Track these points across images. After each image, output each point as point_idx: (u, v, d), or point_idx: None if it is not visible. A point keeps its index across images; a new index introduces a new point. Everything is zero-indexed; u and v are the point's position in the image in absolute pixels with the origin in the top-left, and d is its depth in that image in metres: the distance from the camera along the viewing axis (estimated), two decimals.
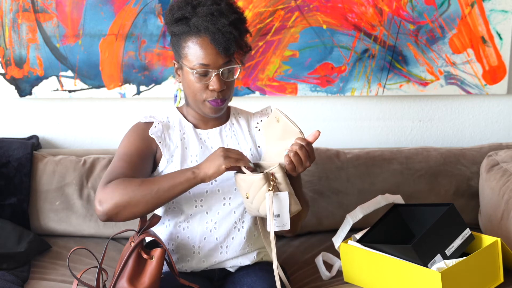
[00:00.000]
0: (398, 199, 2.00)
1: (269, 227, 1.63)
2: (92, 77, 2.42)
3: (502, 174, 2.22)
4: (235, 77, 1.76)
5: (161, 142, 1.79)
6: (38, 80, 2.41)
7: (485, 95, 2.57)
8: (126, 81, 2.43)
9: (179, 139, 1.82)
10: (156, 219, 1.73)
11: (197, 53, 1.70)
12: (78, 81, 2.42)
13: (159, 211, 1.85)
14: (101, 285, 1.68)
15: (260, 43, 2.42)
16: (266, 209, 1.63)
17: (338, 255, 2.02)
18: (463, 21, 2.46)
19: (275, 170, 1.63)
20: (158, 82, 2.44)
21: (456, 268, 1.70)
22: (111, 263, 2.03)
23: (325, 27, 2.43)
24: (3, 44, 2.37)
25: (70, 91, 2.43)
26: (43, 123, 2.50)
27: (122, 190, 1.63)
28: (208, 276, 1.84)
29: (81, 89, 2.43)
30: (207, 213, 1.79)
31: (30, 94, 2.42)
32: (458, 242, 1.79)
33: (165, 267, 1.77)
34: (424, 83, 2.50)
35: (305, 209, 1.82)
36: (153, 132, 1.79)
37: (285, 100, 2.52)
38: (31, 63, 2.39)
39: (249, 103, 2.28)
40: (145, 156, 1.77)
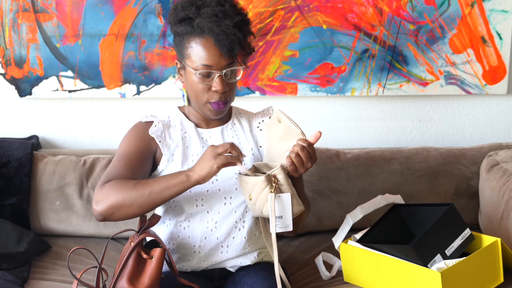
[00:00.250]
0: (398, 199, 2.00)
1: (271, 228, 1.64)
2: (92, 77, 2.42)
3: (502, 174, 2.22)
4: (238, 78, 1.76)
5: (161, 141, 1.79)
6: (38, 80, 2.41)
7: (485, 95, 2.57)
8: (126, 81, 2.43)
9: (180, 138, 1.81)
10: (156, 219, 1.73)
11: (201, 54, 1.70)
12: (78, 81, 2.42)
13: (159, 211, 1.85)
14: (101, 285, 1.68)
15: (260, 43, 2.42)
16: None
17: (338, 255, 2.02)
18: (463, 21, 2.46)
19: (277, 171, 1.63)
20: (158, 82, 2.44)
21: (456, 268, 1.70)
22: (111, 263, 2.03)
23: (325, 27, 2.43)
24: (3, 44, 2.37)
25: (70, 91, 2.43)
26: (43, 123, 2.50)
27: (116, 191, 1.63)
28: (208, 276, 1.84)
29: (81, 89, 2.43)
30: (207, 213, 1.79)
31: (30, 94, 2.42)
32: (458, 242, 1.79)
33: (165, 267, 1.77)
34: (424, 83, 2.50)
35: (306, 210, 1.82)
36: (153, 131, 1.79)
37: (285, 100, 2.52)
38: (31, 63, 2.39)
39: (249, 103, 2.28)
40: (144, 156, 1.77)
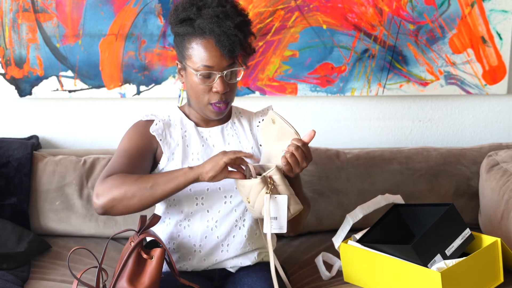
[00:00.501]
0: (398, 199, 2.00)
1: (265, 228, 1.64)
2: (92, 77, 2.42)
3: (502, 174, 2.22)
4: (238, 79, 1.76)
5: (161, 139, 1.79)
6: (38, 80, 2.41)
7: (485, 95, 2.57)
8: (126, 81, 2.43)
9: (180, 137, 1.81)
10: (156, 219, 1.73)
11: (201, 54, 1.70)
12: (78, 81, 2.42)
13: (159, 210, 1.85)
14: (101, 285, 1.68)
15: (260, 43, 2.42)
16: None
17: (338, 255, 2.02)
18: (463, 21, 2.46)
19: (272, 172, 1.64)
20: (158, 82, 2.44)
21: (456, 268, 1.70)
22: (111, 263, 2.03)
23: (325, 27, 2.43)
24: (3, 44, 2.37)
25: (70, 91, 2.43)
26: (43, 123, 2.50)
27: (118, 184, 1.64)
28: (208, 276, 1.84)
29: (81, 89, 2.43)
30: (208, 212, 1.79)
31: (30, 94, 2.42)
32: (458, 242, 1.79)
33: (165, 267, 1.77)
34: (424, 83, 2.50)
35: (306, 209, 1.82)
36: (154, 129, 1.79)
37: (285, 100, 2.52)
38: (31, 63, 2.39)
39: (249, 103, 2.28)
40: (145, 153, 1.77)
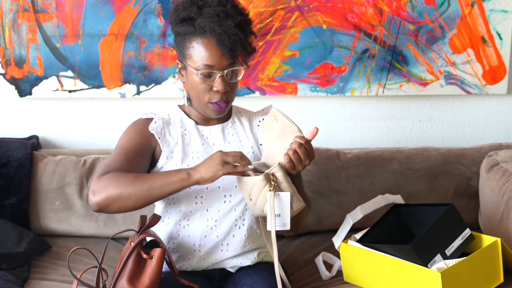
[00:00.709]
0: (398, 199, 2.00)
1: (269, 226, 1.63)
2: (92, 77, 2.42)
3: (502, 174, 2.22)
4: (239, 78, 1.76)
5: (160, 138, 1.79)
6: (38, 80, 2.41)
7: (485, 95, 2.57)
8: (126, 81, 2.43)
9: (180, 135, 1.81)
10: (156, 219, 1.73)
11: (202, 54, 1.70)
12: (78, 81, 2.42)
13: (158, 209, 1.85)
14: (101, 285, 1.68)
15: (260, 43, 2.42)
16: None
17: (338, 255, 2.02)
18: (463, 21, 2.46)
19: (275, 169, 1.63)
20: (158, 82, 2.44)
21: (456, 268, 1.70)
22: (111, 263, 2.03)
23: (325, 27, 2.43)
24: (3, 44, 2.37)
25: (70, 91, 2.43)
26: (43, 123, 2.50)
27: (115, 183, 1.63)
28: (208, 276, 1.84)
29: (81, 89, 2.43)
30: (207, 211, 1.79)
31: (30, 94, 2.42)
32: (458, 242, 1.79)
33: (165, 267, 1.77)
34: (424, 83, 2.50)
35: (306, 208, 1.82)
36: (153, 127, 1.79)
37: (285, 100, 2.52)
38: (31, 63, 2.39)
39: (249, 103, 2.28)
40: (143, 151, 1.77)
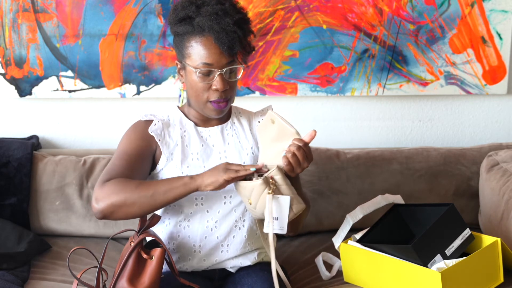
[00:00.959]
0: (398, 199, 2.00)
1: (266, 228, 1.63)
2: (92, 77, 2.42)
3: (502, 174, 2.22)
4: (238, 77, 1.76)
5: (160, 140, 1.79)
6: (38, 80, 2.41)
7: (485, 95, 2.57)
8: (126, 81, 2.43)
9: (180, 136, 1.81)
10: (156, 219, 1.73)
11: (201, 52, 1.70)
12: (78, 81, 2.42)
13: (158, 211, 1.85)
14: (101, 285, 1.68)
15: (260, 43, 2.42)
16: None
17: (338, 255, 2.01)
18: (463, 21, 2.46)
19: (274, 172, 1.63)
20: (158, 82, 2.44)
21: (456, 268, 1.70)
22: (111, 263, 2.03)
23: (325, 27, 2.43)
24: (3, 44, 2.37)
25: (70, 91, 2.43)
26: (43, 123, 2.50)
27: (118, 190, 1.63)
28: (208, 276, 1.84)
29: (81, 89, 2.43)
30: (207, 212, 1.79)
31: (30, 94, 2.42)
32: (458, 242, 1.79)
33: (165, 267, 1.77)
34: (424, 83, 2.50)
35: (306, 209, 1.82)
36: (152, 130, 1.79)
37: (285, 100, 2.52)
38: (31, 63, 2.39)
39: (249, 103, 2.28)
40: (144, 155, 1.77)
